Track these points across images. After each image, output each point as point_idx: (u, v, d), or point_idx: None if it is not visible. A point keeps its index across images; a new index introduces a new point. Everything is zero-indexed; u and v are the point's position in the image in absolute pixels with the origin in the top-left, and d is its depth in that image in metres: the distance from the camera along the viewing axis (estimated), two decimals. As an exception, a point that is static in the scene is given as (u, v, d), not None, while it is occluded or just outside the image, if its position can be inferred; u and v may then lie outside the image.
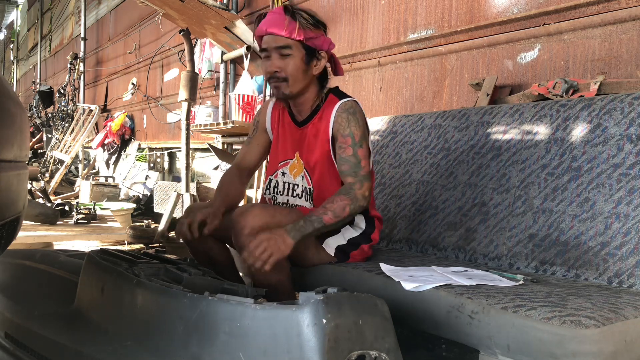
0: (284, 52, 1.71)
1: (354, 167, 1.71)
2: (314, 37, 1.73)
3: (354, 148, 1.72)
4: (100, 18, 9.24)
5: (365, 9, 3.41)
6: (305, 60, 1.73)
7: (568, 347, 1.11)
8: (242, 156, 1.98)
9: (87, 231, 3.99)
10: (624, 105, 1.70)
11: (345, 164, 1.72)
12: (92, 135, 7.89)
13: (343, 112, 1.74)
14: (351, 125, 1.73)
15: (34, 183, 5.39)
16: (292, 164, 1.85)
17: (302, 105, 1.82)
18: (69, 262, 1.77)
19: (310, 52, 1.74)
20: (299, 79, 1.74)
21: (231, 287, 1.29)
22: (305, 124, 1.83)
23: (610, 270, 1.54)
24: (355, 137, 1.72)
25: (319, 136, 1.79)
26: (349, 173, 1.71)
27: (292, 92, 1.76)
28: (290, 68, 1.72)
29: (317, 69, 1.77)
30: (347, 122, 1.73)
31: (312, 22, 1.73)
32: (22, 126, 1.18)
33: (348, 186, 1.70)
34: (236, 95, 4.00)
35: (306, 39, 1.71)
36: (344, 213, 1.64)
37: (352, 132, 1.73)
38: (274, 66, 1.73)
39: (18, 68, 18.41)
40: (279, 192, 1.88)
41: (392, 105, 3.20)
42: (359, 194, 1.68)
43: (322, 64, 1.77)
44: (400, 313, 1.38)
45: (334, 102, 1.78)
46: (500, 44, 2.58)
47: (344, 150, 1.72)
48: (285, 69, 1.72)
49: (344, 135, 1.73)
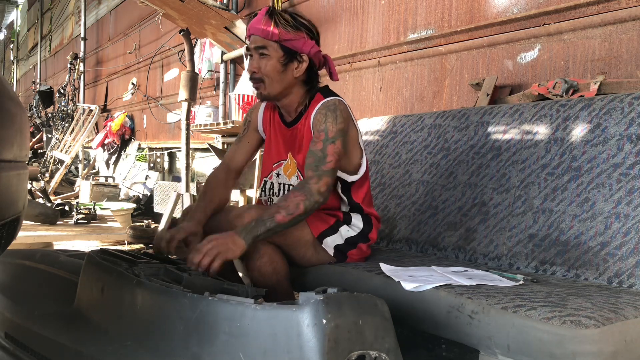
0: (262, 52, 1.72)
1: (317, 162, 1.66)
2: (292, 38, 1.71)
3: (325, 143, 1.68)
4: (100, 18, 9.25)
5: (365, 9, 3.41)
6: (282, 62, 1.72)
7: (568, 347, 1.11)
8: (232, 155, 1.96)
9: (87, 231, 3.99)
10: (624, 105, 1.70)
11: (311, 157, 1.68)
12: (92, 135, 7.89)
13: (322, 109, 1.72)
14: (328, 121, 1.69)
15: (34, 183, 5.40)
16: (286, 164, 1.85)
17: (287, 107, 1.81)
18: (69, 262, 1.77)
19: (290, 54, 1.72)
20: (275, 79, 1.73)
21: (231, 287, 1.29)
22: (293, 125, 1.82)
23: (610, 270, 1.54)
24: (329, 132, 1.68)
25: (306, 136, 1.78)
26: (311, 167, 1.67)
27: (269, 93, 1.75)
28: (267, 69, 1.72)
29: (297, 71, 1.74)
30: (324, 117, 1.70)
31: (292, 24, 1.71)
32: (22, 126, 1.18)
33: (304, 181, 1.66)
34: (236, 95, 4.00)
35: (283, 40, 1.70)
36: (297, 210, 1.58)
37: (326, 127, 1.69)
38: (252, 66, 1.74)
39: (18, 68, 18.41)
40: (274, 194, 1.87)
41: (392, 105, 3.20)
42: (314, 189, 1.62)
43: (303, 67, 1.74)
44: (400, 313, 1.38)
45: (318, 101, 1.77)
46: (500, 44, 2.59)
47: (315, 144, 1.69)
48: (263, 69, 1.72)
49: (318, 130, 1.70)
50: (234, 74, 4.87)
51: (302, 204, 1.59)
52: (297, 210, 1.58)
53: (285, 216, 1.57)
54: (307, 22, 1.76)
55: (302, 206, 1.59)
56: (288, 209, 1.58)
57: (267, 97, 1.77)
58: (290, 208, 1.58)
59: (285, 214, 1.57)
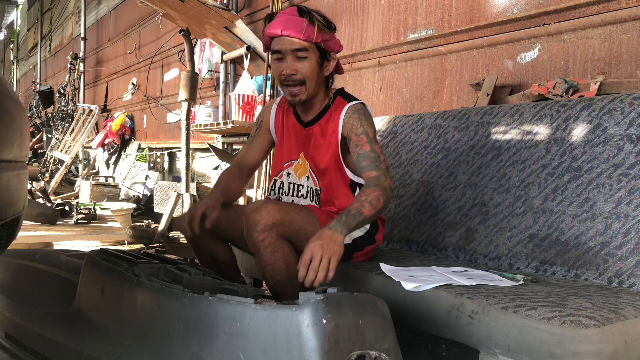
0: (301, 55, 1.70)
1: (374, 161, 1.70)
2: (328, 39, 1.73)
3: (371, 144, 1.71)
4: (100, 18, 9.24)
5: (365, 9, 3.41)
6: (319, 63, 1.74)
7: (568, 347, 1.11)
8: (244, 154, 1.98)
9: (87, 231, 3.99)
10: (624, 105, 1.70)
11: (365, 160, 1.70)
12: (92, 135, 7.89)
13: (354, 113, 1.75)
14: (364, 125, 1.73)
15: (34, 183, 5.39)
16: (297, 164, 1.85)
17: (310, 106, 1.82)
18: (69, 262, 1.77)
19: (324, 54, 1.74)
20: (315, 80, 1.74)
21: (231, 287, 1.29)
22: (311, 124, 1.82)
23: (610, 270, 1.54)
24: (369, 134, 1.73)
25: (327, 138, 1.78)
26: (372, 167, 1.69)
27: (309, 95, 1.76)
28: (308, 71, 1.71)
29: (327, 70, 1.77)
30: (359, 121, 1.74)
31: (325, 24, 1.72)
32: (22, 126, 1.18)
33: (375, 179, 1.67)
34: (236, 95, 4.00)
35: (322, 42, 1.71)
36: (379, 204, 1.61)
37: (365, 130, 1.73)
38: (290, 69, 1.71)
39: (18, 68, 18.41)
40: (284, 193, 1.88)
41: (392, 105, 3.20)
42: (387, 185, 1.66)
43: (332, 65, 1.77)
44: (400, 313, 1.38)
45: (342, 105, 1.78)
46: (500, 44, 2.58)
47: (361, 147, 1.71)
48: (302, 71, 1.71)
49: (357, 133, 1.73)
50: (234, 74, 4.87)
51: (382, 198, 1.62)
52: (379, 204, 1.62)
53: (370, 210, 1.60)
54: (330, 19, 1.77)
55: (382, 200, 1.62)
56: (372, 204, 1.61)
57: (304, 99, 1.76)
58: (373, 202, 1.61)
59: (370, 208, 1.60)
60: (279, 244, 1.61)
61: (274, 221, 1.58)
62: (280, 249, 1.61)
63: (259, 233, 1.58)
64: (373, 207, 1.60)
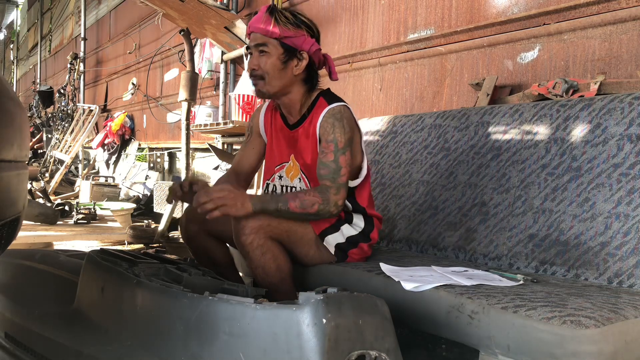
0: (262, 49, 1.72)
1: (333, 173, 1.68)
2: (292, 35, 1.71)
3: (336, 154, 1.69)
4: (100, 18, 9.24)
5: (365, 9, 3.41)
6: (282, 59, 1.72)
7: (568, 347, 1.11)
8: (238, 161, 1.97)
9: (87, 231, 3.99)
10: (624, 105, 1.70)
11: (325, 169, 1.69)
12: (92, 135, 7.89)
13: (329, 118, 1.72)
14: (336, 132, 1.70)
15: (34, 183, 5.39)
16: (288, 166, 1.85)
17: (289, 107, 1.81)
18: (69, 262, 1.77)
19: (290, 51, 1.73)
20: (275, 77, 1.73)
21: (231, 287, 1.29)
22: (296, 127, 1.82)
23: (610, 270, 1.54)
24: (338, 143, 1.69)
25: (310, 140, 1.78)
26: (328, 177, 1.68)
27: (269, 90, 1.75)
28: (267, 66, 1.72)
29: (297, 69, 1.75)
30: (332, 127, 1.70)
31: (292, 21, 1.72)
32: (22, 126, 1.18)
33: (324, 188, 1.66)
34: (236, 95, 4.00)
35: (283, 37, 1.70)
36: (311, 209, 1.62)
37: (335, 138, 1.69)
38: (252, 63, 1.74)
39: (18, 68, 18.41)
40: None
41: (392, 105, 3.20)
42: (332, 199, 1.65)
43: (302, 64, 1.75)
44: (400, 313, 1.38)
45: (322, 107, 1.76)
46: (500, 44, 2.58)
47: (325, 155, 1.69)
48: (263, 66, 1.72)
49: (327, 140, 1.70)
50: (234, 74, 4.87)
51: (317, 206, 1.63)
52: (311, 209, 1.62)
53: (297, 207, 1.61)
54: (308, 20, 1.77)
55: (316, 208, 1.63)
56: (303, 203, 1.62)
57: (266, 94, 1.77)
58: (305, 203, 1.62)
59: (299, 205, 1.61)
60: (268, 245, 1.61)
61: (260, 223, 1.59)
62: (269, 250, 1.61)
63: (247, 236, 1.59)
64: (302, 207, 1.62)
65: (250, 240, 1.58)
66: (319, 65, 1.81)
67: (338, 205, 1.67)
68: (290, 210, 1.61)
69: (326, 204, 1.64)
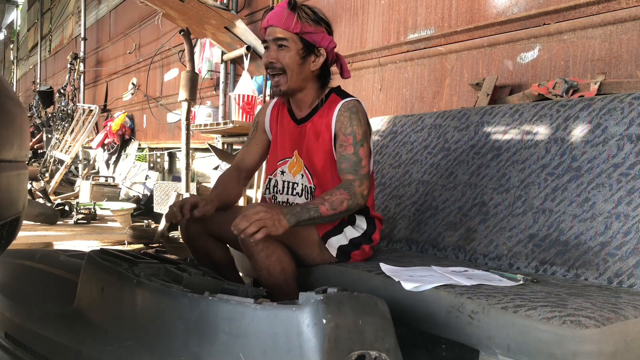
0: (281, 44, 1.72)
1: (354, 166, 1.71)
2: (311, 31, 1.73)
3: (355, 147, 1.72)
4: (100, 18, 9.24)
5: (365, 9, 3.41)
6: (301, 54, 1.74)
7: (568, 347, 1.11)
8: (242, 156, 1.98)
9: (87, 231, 3.99)
10: (624, 105, 1.70)
11: (346, 162, 1.72)
12: (92, 135, 7.89)
13: (345, 111, 1.75)
14: (353, 124, 1.73)
15: (34, 183, 5.39)
16: (291, 162, 1.85)
17: (301, 101, 1.82)
18: (69, 262, 1.77)
19: (308, 47, 1.74)
20: (295, 71, 1.74)
21: (231, 287, 1.29)
22: (304, 122, 1.82)
23: (610, 270, 1.54)
24: (357, 136, 1.72)
25: (320, 135, 1.78)
26: (349, 171, 1.71)
27: (290, 87, 1.76)
28: (286, 60, 1.73)
29: (314, 65, 1.77)
30: (349, 120, 1.73)
31: (313, 17, 1.74)
32: (22, 126, 1.18)
33: (348, 182, 1.69)
34: (236, 95, 4.00)
35: (303, 33, 1.72)
36: (341, 207, 1.63)
37: (353, 130, 1.72)
38: (270, 57, 1.74)
39: (18, 68, 18.41)
40: (278, 191, 1.88)
41: (392, 105, 3.20)
42: (358, 192, 1.67)
43: (320, 60, 1.77)
44: (400, 313, 1.38)
45: (336, 102, 1.78)
46: (500, 44, 2.58)
47: (345, 149, 1.72)
48: (282, 60, 1.73)
49: (345, 133, 1.73)
50: (234, 74, 4.87)
51: (346, 202, 1.64)
52: (341, 207, 1.63)
53: (328, 210, 1.62)
54: (325, 17, 1.79)
55: (346, 204, 1.64)
56: (333, 204, 1.62)
57: (287, 92, 1.78)
58: (335, 203, 1.62)
59: (330, 208, 1.62)
60: (273, 248, 1.61)
61: None
62: (274, 252, 1.62)
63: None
64: (332, 208, 1.62)
65: (256, 242, 1.58)
66: (331, 63, 1.83)
67: (364, 196, 1.69)
68: (323, 214, 1.61)
69: (354, 198, 1.66)
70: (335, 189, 1.67)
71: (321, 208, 1.61)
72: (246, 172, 1.97)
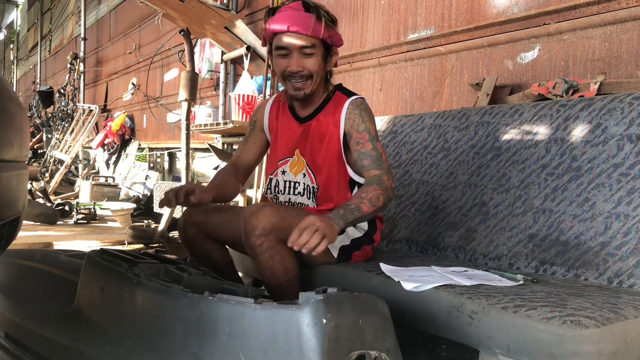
0: (308, 52, 1.69)
1: (377, 161, 1.70)
2: (334, 34, 1.72)
3: (373, 142, 1.71)
4: (100, 18, 9.25)
5: (365, 9, 3.41)
6: (324, 57, 1.73)
7: (568, 347, 1.11)
8: (238, 155, 1.96)
9: (87, 231, 3.99)
10: (624, 105, 1.70)
11: (367, 159, 1.70)
12: (92, 135, 7.89)
13: (355, 109, 1.74)
14: (365, 121, 1.73)
15: (34, 183, 5.39)
16: (292, 161, 1.84)
17: (311, 100, 1.81)
18: (69, 262, 1.77)
19: (328, 49, 1.74)
20: (320, 75, 1.74)
21: (231, 287, 1.29)
22: (308, 120, 1.81)
23: (610, 270, 1.54)
24: (371, 132, 1.72)
25: (327, 133, 1.77)
26: (374, 166, 1.69)
27: (312, 90, 1.75)
28: (314, 67, 1.70)
29: (330, 64, 1.77)
30: (360, 117, 1.73)
31: (331, 19, 1.71)
32: (22, 126, 1.18)
33: (376, 177, 1.67)
34: (236, 95, 4.00)
35: (329, 37, 1.71)
36: (378, 203, 1.61)
37: (367, 127, 1.72)
38: (296, 65, 1.69)
39: (18, 68, 18.42)
40: (279, 191, 1.86)
41: (392, 105, 3.20)
42: (388, 185, 1.66)
43: (334, 59, 1.77)
44: (400, 313, 1.38)
45: (342, 99, 1.77)
46: (500, 44, 2.58)
47: (363, 146, 1.71)
48: (309, 67, 1.70)
49: (359, 131, 1.72)
50: (234, 74, 4.87)
51: (382, 197, 1.63)
52: (378, 202, 1.62)
53: (369, 207, 1.60)
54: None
55: (382, 199, 1.63)
56: (371, 201, 1.61)
57: (308, 95, 1.76)
58: (373, 200, 1.61)
59: (370, 205, 1.60)
60: (277, 248, 1.60)
61: (272, 225, 1.57)
62: (278, 252, 1.61)
63: (257, 237, 1.57)
64: (372, 205, 1.60)
65: (260, 243, 1.57)
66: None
67: (393, 189, 1.69)
68: (365, 213, 1.59)
69: (387, 192, 1.64)
70: (367, 186, 1.65)
71: (362, 207, 1.59)
72: (243, 170, 1.95)
